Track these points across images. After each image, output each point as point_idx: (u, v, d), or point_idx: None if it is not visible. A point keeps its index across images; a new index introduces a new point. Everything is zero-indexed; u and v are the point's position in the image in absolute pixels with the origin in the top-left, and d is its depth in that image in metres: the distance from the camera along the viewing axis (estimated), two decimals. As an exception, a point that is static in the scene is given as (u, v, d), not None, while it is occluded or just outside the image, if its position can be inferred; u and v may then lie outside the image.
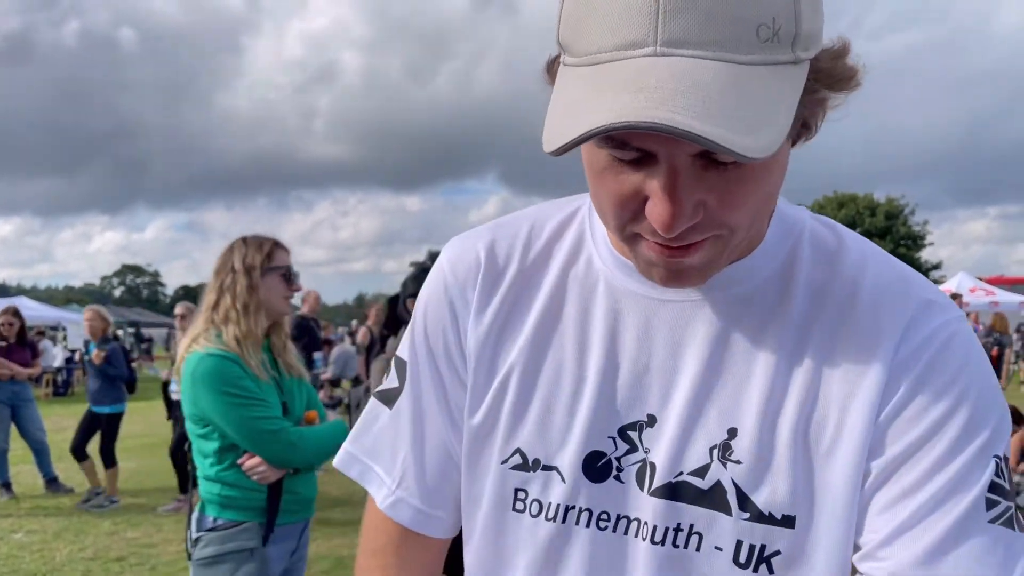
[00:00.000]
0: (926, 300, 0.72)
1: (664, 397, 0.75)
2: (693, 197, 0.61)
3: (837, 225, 0.80)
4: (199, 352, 2.28)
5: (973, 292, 21.77)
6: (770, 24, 0.56)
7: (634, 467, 0.75)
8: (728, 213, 0.63)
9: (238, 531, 2.28)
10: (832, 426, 0.70)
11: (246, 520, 2.30)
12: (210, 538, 2.29)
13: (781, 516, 0.70)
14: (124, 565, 5.23)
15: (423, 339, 0.87)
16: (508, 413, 0.79)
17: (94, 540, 5.85)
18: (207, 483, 2.32)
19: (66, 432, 11.49)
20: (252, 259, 2.39)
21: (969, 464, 0.67)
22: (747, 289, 0.75)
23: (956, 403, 0.68)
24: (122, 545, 5.69)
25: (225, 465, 2.31)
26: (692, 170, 0.60)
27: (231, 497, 2.30)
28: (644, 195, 0.62)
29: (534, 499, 0.78)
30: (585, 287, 0.80)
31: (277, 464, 2.29)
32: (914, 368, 0.69)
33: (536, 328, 0.80)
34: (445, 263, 0.87)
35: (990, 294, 22.06)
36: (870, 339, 0.71)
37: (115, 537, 5.91)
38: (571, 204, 0.87)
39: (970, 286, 22.51)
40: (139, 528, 6.15)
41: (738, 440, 0.71)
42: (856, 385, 0.70)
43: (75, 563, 5.30)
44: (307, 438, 2.34)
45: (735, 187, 0.62)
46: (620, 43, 0.57)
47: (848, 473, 0.69)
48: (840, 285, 0.74)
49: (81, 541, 5.83)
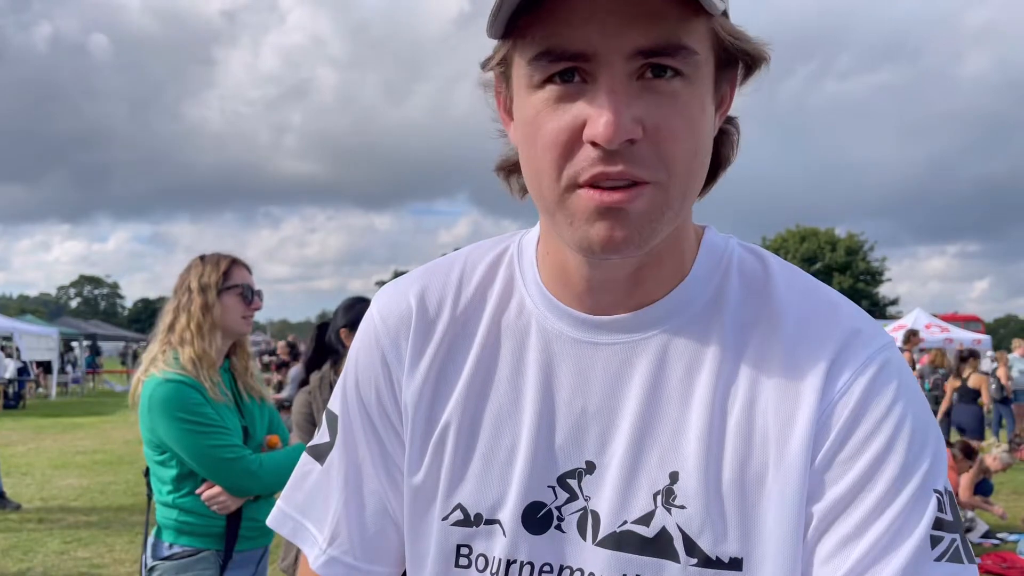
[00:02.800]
0: (853, 329, 0.71)
1: (602, 442, 0.73)
2: (631, 110, 0.62)
3: (763, 252, 0.79)
4: (156, 377, 2.23)
5: (928, 329, 22.21)
6: None
7: (575, 516, 0.74)
8: (664, 146, 0.63)
9: (195, 560, 2.23)
10: (771, 467, 0.69)
11: (203, 548, 2.25)
12: (165, 568, 2.23)
13: (728, 559, 0.69)
14: (73, 585, 5.10)
15: (355, 392, 0.85)
16: (447, 469, 0.78)
17: (43, 559, 5.69)
18: (164, 509, 2.27)
19: (15, 447, 11.21)
20: (208, 278, 2.35)
21: (910, 504, 0.65)
22: (677, 325, 0.74)
23: (890, 441, 0.67)
24: (72, 565, 5.54)
25: (183, 492, 2.25)
26: (630, 87, 0.62)
27: (188, 523, 2.25)
28: (582, 122, 0.63)
29: (479, 554, 0.76)
30: (517, 332, 0.79)
31: (237, 493, 2.25)
32: (846, 406, 0.68)
33: (470, 379, 0.79)
34: (376, 314, 0.85)
35: (945, 331, 22.54)
36: (799, 374, 0.70)
37: (65, 556, 5.76)
38: (499, 245, 0.86)
39: (926, 323, 22.98)
40: (89, 547, 5.99)
41: (680, 484, 0.70)
42: (789, 424, 0.69)
43: (22, 583, 5.16)
44: (267, 465, 2.28)
45: (669, 113, 0.63)
46: None
47: (788, 516, 0.68)
48: (769, 318, 0.73)
49: (29, 560, 5.68)
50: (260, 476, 2.26)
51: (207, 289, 2.34)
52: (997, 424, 12.99)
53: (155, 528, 2.32)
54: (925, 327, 22.36)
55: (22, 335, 20.36)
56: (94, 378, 26.93)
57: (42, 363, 21.65)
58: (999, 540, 6.48)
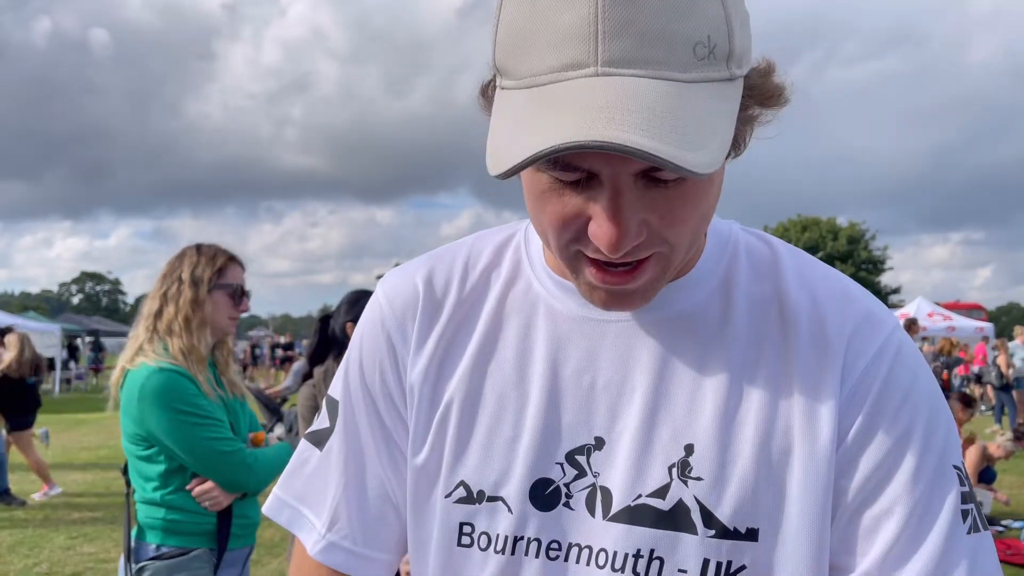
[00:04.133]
0: (866, 311, 0.74)
1: (611, 418, 0.73)
2: (636, 216, 0.61)
3: (768, 236, 0.81)
4: (149, 366, 2.13)
5: (931, 317, 22.19)
6: (705, 42, 0.58)
7: (583, 492, 0.73)
8: (670, 230, 0.64)
9: (188, 559, 2.13)
10: (796, 445, 0.70)
11: (193, 547, 2.15)
12: (156, 568, 2.12)
13: (745, 530, 0.69)
14: (80, 581, 5.12)
15: (359, 376, 0.84)
16: (450, 445, 0.77)
17: (49, 555, 5.71)
18: (148, 507, 2.17)
19: (20, 443, 11.23)
20: (201, 271, 2.25)
21: (938, 481, 0.69)
22: (689, 306, 0.75)
23: (913, 421, 0.70)
24: (78, 560, 5.56)
25: (171, 489, 2.16)
26: (634, 190, 0.61)
27: (176, 522, 2.14)
28: (587, 216, 0.63)
29: (482, 532, 0.75)
30: (524, 312, 0.79)
31: (230, 488, 2.17)
32: (869, 389, 0.70)
33: (475, 357, 0.79)
34: (382, 297, 0.85)
35: (947, 319, 22.52)
36: (820, 356, 0.72)
37: (71, 552, 5.78)
38: (505, 231, 0.86)
39: (928, 311, 22.95)
40: (95, 543, 6.02)
41: (696, 456, 0.71)
42: (813, 404, 0.70)
43: (29, 578, 5.18)
44: (260, 460, 2.22)
45: (676, 205, 0.63)
46: (561, 64, 0.57)
47: (813, 494, 0.69)
48: (781, 299, 0.75)
49: (36, 555, 5.70)
50: (255, 470, 2.19)
51: (199, 283, 2.24)
52: (999, 412, 13.00)
53: (135, 529, 2.21)
54: (927, 315, 22.34)
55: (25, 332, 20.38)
56: (97, 374, 26.97)
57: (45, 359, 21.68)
58: (1003, 527, 6.48)
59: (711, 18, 0.58)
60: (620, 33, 0.56)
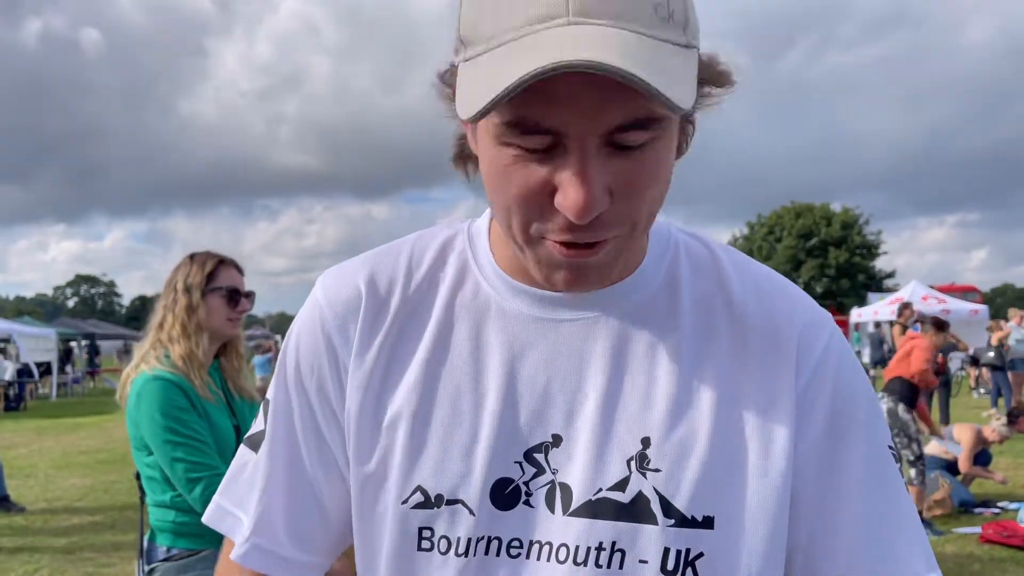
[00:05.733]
0: (806, 307, 0.79)
1: (568, 415, 0.75)
2: (603, 181, 0.62)
3: (703, 235, 0.84)
4: (146, 374, 2.22)
5: (925, 300, 22.27)
6: (665, 5, 0.61)
7: (543, 490, 0.74)
8: (631, 204, 0.65)
9: (197, 560, 2.18)
10: (749, 433, 0.73)
11: (203, 548, 2.19)
12: (166, 568, 2.17)
13: (702, 517, 0.71)
14: (81, 586, 5.13)
15: (295, 377, 0.83)
16: (403, 451, 0.76)
17: (50, 560, 5.71)
18: (159, 510, 2.22)
19: (17, 448, 11.23)
20: (192, 279, 2.33)
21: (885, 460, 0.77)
22: (638, 304, 0.77)
23: (858, 411, 0.77)
24: (79, 566, 5.56)
25: (179, 492, 2.18)
26: (600, 155, 0.62)
27: (185, 524, 2.19)
28: (552, 186, 0.63)
29: (442, 536, 0.75)
30: (475, 314, 0.79)
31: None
32: (821, 387, 0.75)
33: (426, 361, 0.78)
34: (322, 297, 0.83)
35: (942, 302, 22.60)
36: (772, 348, 0.76)
37: (71, 557, 5.77)
38: (447, 230, 0.86)
39: (922, 294, 23.03)
40: (96, 547, 6.02)
41: (652, 448, 0.73)
42: (769, 393, 0.74)
43: (30, 584, 5.19)
44: None
45: (638, 173, 0.64)
46: (531, 18, 0.59)
47: (771, 480, 0.72)
48: (725, 294, 0.78)
49: (36, 561, 5.70)
50: None
51: (191, 289, 2.32)
52: (995, 394, 13.06)
53: (148, 532, 2.27)
54: (922, 299, 22.42)
55: (20, 337, 20.37)
56: (94, 377, 26.95)
57: (40, 364, 21.63)
58: (1000, 509, 6.53)
59: None
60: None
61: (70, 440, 12.44)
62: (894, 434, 6.08)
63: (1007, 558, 5.37)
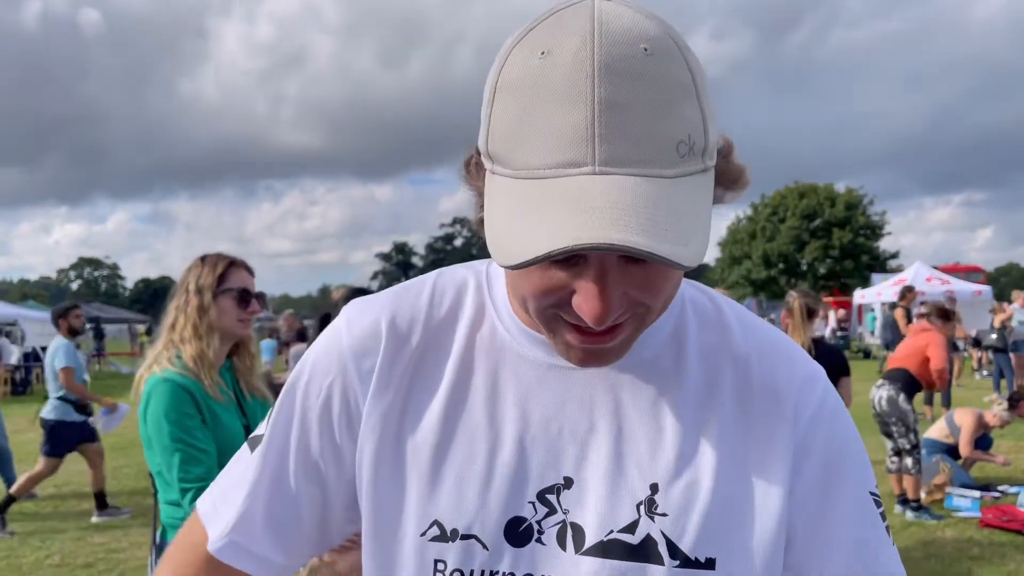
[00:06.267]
0: (806, 364, 0.85)
1: (579, 460, 0.79)
2: (619, 290, 0.67)
3: (708, 289, 0.89)
4: (157, 376, 2.27)
5: (929, 281, 22.25)
6: (687, 140, 0.64)
7: (554, 529, 0.78)
8: (647, 298, 0.70)
9: None
10: (750, 480, 0.79)
11: None
12: None
13: (705, 559, 0.77)
14: (92, 572, 5.21)
15: (303, 391, 0.87)
16: (421, 486, 0.81)
17: (61, 546, 5.81)
18: (169, 507, 2.27)
19: (25, 433, 11.29)
20: (204, 280, 2.38)
21: (870, 508, 0.83)
22: (647, 356, 0.81)
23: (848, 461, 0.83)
24: (89, 551, 5.65)
25: None
26: (618, 267, 0.67)
27: None
28: (571, 288, 0.68)
29: (455, 569, 0.79)
30: (492, 358, 0.83)
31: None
32: (816, 436, 0.81)
33: (446, 400, 0.82)
34: (345, 327, 0.87)
35: (945, 283, 22.57)
36: (772, 403, 0.81)
37: (82, 543, 5.87)
38: (467, 270, 0.90)
39: (926, 275, 23.00)
40: (106, 533, 6.11)
41: (661, 494, 0.77)
42: (768, 444, 0.80)
43: (43, 570, 5.27)
44: None
45: (654, 279, 0.69)
46: (560, 162, 0.63)
47: (768, 528, 0.78)
48: (729, 350, 0.83)
49: (48, 547, 5.79)
50: None
51: (203, 291, 2.37)
52: (998, 377, 13.07)
53: (160, 529, 2.32)
54: (925, 280, 22.39)
55: (26, 321, 20.45)
56: (100, 360, 27.07)
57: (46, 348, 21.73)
58: (1000, 492, 6.58)
59: (690, 118, 0.65)
60: (614, 137, 0.62)
61: (77, 424, 12.51)
62: (893, 422, 6.13)
63: (1006, 542, 5.43)
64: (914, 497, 6.07)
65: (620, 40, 0.63)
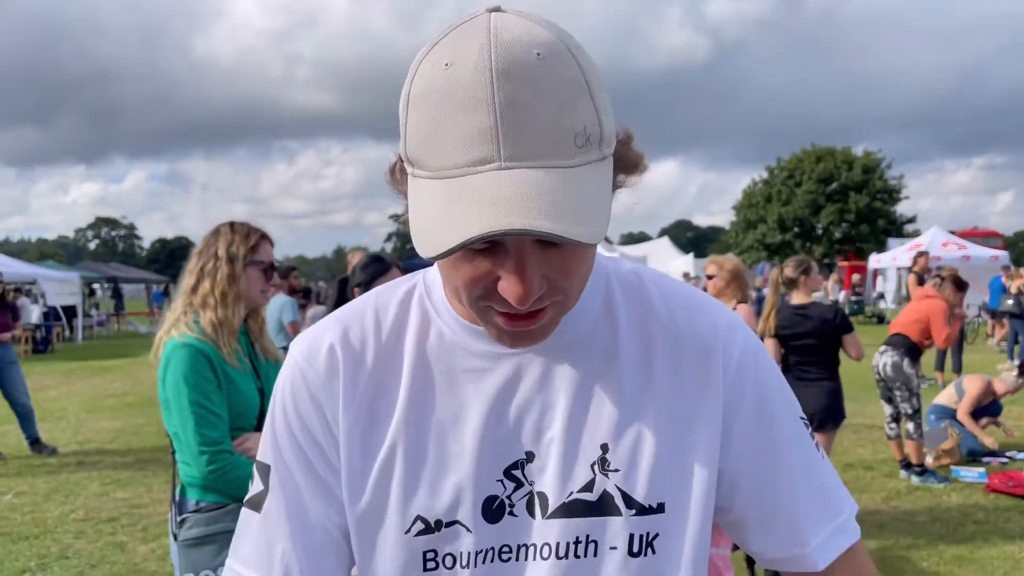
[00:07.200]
0: (722, 313, 0.93)
1: (537, 433, 0.86)
2: (538, 273, 0.73)
3: (625, 262, 0.98)
4: (175, 340, 2.30)
5: (946, 247, 22.07)
6: (583, 132, 0.71)
7: (523, 500, 0.86)
8: (564, 281, 0.76)
9: (223, 512, 2.30)
10: (689, 428, 0.87)
11: (230, 503, 2.31)
12: (196, 519, 2.31)
13: (656, 504, 0.85)
14: (116, 526, 5.36)
15: (287, 436, 0.91)
16: (399, 487, 0.86)
17: (84, 501, 5.96)
18: (187, 467, 2.31)
19: (47, 391, 11.54)
20: (237, 248, 2.41)
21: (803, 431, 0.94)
22: (583, 331, 0.89)
23: (776, 397, 0.92)
24: (112, 506, 5.81)
25: None
26: (535, 252, 0.73)
27: (211, 481, 2.28)
28: (496, 276, 0.74)
29: (446, 554, 0.86)
30: (444, 357, 0.89)
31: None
32: (743, 381, 0.90)
33: (407, 404, 0.88)
34: (302, 361, 0.91)
35: (962, 248, 22.38)
36: (701, 356, 0.89)
37: (105, 498, 6.02)
38: (404, 284, 0.96)
39: (942, 240, 22.81)
40: (128, 488, 6.26)
41: (611, 452, 0.85)
42: (702, 394, 0.88)
43: (67, 524, 5.43)
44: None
45: (569, 260, 0.76)
46: (470, 161, 0.69)
47: (707, 465, 0.87)
48: (655, 317, 0.91)
49: (72, 502, 5.95)
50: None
51: (235, 259, 2.40)
52: (1012, 344, 13.03)
53: (180, 487, 2.39)
54: (942, 245, 22.21)
55: (45, 280, 20.69)
56: (119, 319, 27.38)
57: (66, 307, 22.00)
58: (1007, 458, 6.62)
59: (584, 113, 0.72)
60: (516, 134, 0.68)
61: (98, 383, 12.78)
62: (897, 387, 6.16)
63: (1012, 507, 5.47)
64: (918, 462, 6.12)
65: (514, 47, 0.69)
